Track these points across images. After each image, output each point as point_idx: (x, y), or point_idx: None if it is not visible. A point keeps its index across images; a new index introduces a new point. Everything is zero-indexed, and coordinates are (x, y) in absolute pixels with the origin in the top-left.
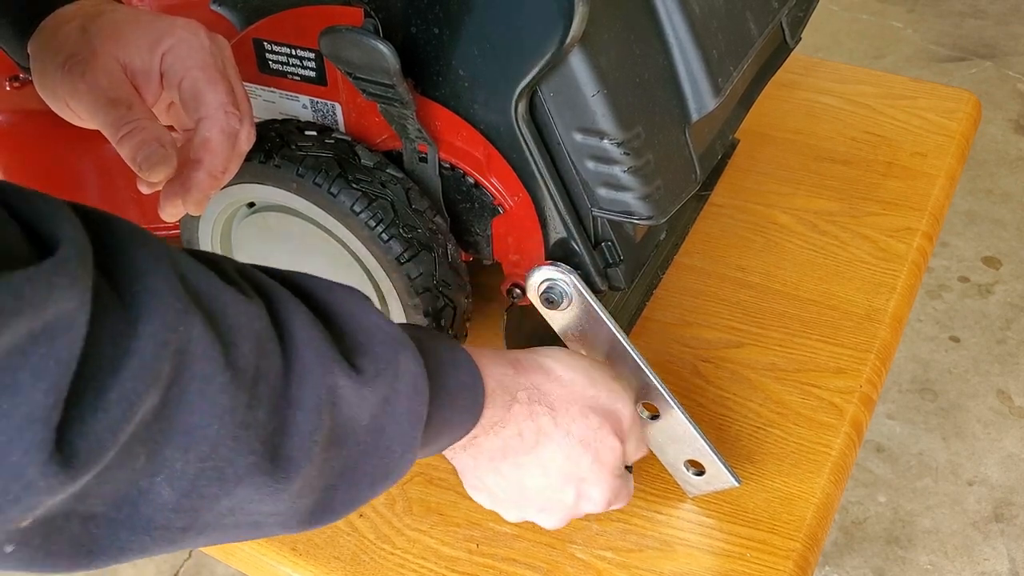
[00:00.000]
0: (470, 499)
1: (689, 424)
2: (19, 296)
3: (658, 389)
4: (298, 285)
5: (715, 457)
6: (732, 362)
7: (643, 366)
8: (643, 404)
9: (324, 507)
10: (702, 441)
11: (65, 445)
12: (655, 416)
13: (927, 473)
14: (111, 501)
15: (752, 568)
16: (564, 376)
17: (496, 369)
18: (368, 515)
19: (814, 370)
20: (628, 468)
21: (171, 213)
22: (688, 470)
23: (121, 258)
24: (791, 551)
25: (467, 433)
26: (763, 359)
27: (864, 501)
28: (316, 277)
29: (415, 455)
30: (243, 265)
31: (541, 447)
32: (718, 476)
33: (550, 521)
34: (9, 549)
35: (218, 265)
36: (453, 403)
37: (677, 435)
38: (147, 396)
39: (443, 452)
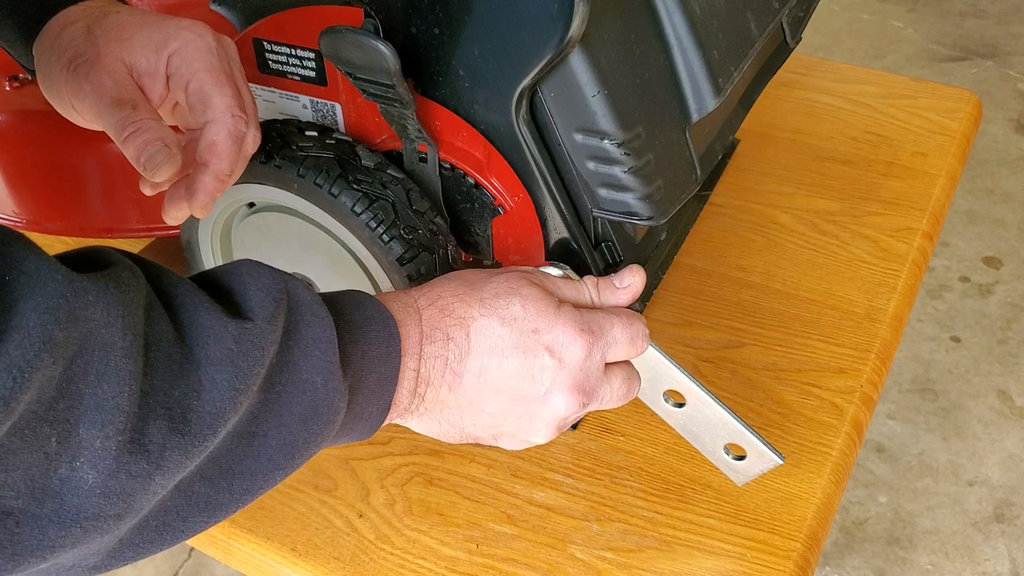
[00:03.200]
0: (470, 499)
1: (718, 405)
2: None
3: (679, 374)
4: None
5: (752, 436)
6: (732, 362)
7: (660, 353)
8: (667, 392)
9: (257, 454)
10: (735, 421)
11: None
12: (680, 404)
13: (928, 473)
14: (28, 492)
15: (752, 568)
16: (451, 275)
17: (390, 296)
18: (368, 515)
19: (814, 370)
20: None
21: (175, 216)
22: (729, 455)
23: None
24: (791, 551)
25: (398, 364)
26: (763, 359)
27: (864, 501)
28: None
29: (341, 387)
30: (118, 248)
31: (475, 334)
32: (760, 456)
33: (569, 400)
34: None
35: (92, 250)
36: (367, 336)
37: (709, 420)
38: (41, 363)
39: (423, 427)
